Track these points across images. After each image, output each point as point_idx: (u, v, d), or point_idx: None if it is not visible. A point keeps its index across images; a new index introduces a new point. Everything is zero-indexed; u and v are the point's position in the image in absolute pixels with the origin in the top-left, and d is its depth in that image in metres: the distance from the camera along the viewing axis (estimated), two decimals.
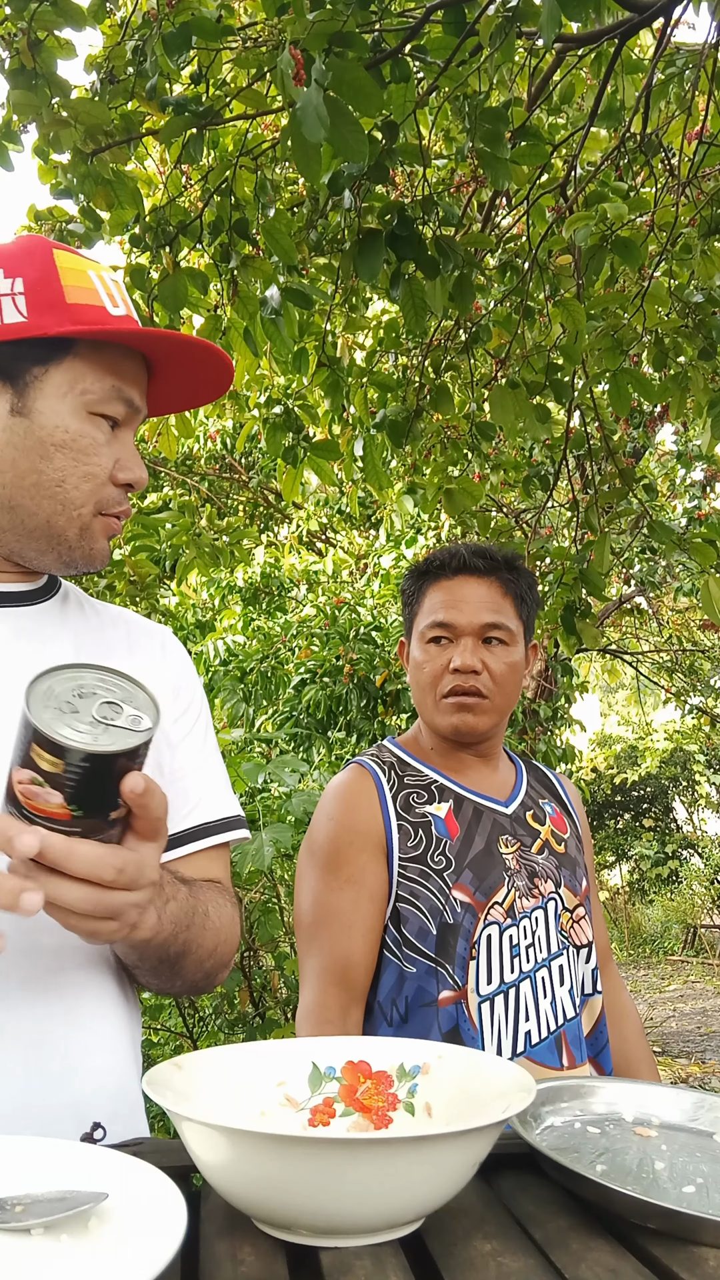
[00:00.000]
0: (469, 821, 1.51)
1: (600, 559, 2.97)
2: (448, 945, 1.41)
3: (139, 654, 1.10)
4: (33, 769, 0.69)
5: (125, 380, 0.97)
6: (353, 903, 1.43)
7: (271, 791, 3.53)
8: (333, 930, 1.43)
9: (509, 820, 1.54)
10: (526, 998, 1.44)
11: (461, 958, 1.41)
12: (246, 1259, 0.64)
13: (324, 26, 1.70)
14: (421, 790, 1.52)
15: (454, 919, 1.42)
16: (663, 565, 7.08)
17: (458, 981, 1.41)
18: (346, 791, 1.52)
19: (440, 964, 1.41)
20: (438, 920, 1.42)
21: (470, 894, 1.44)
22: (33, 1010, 0.90)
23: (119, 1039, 0.98)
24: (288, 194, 3.13)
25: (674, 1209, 0.66)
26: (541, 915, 1.49)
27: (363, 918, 1.43)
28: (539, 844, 1.54)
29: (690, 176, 2.69)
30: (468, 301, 2.57)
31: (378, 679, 6.20)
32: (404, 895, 1.44)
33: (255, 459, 7.65)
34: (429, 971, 1.41)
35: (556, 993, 1.47)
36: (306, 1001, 1.42)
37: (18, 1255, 0.59)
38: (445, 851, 1.46)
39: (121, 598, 3.78)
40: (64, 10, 2.26)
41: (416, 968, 1.41)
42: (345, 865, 1.45)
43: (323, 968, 1.42)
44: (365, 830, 1.47)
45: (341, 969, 1.42)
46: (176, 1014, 4.05)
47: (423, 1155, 0.62)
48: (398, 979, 1.42)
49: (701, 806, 14.16)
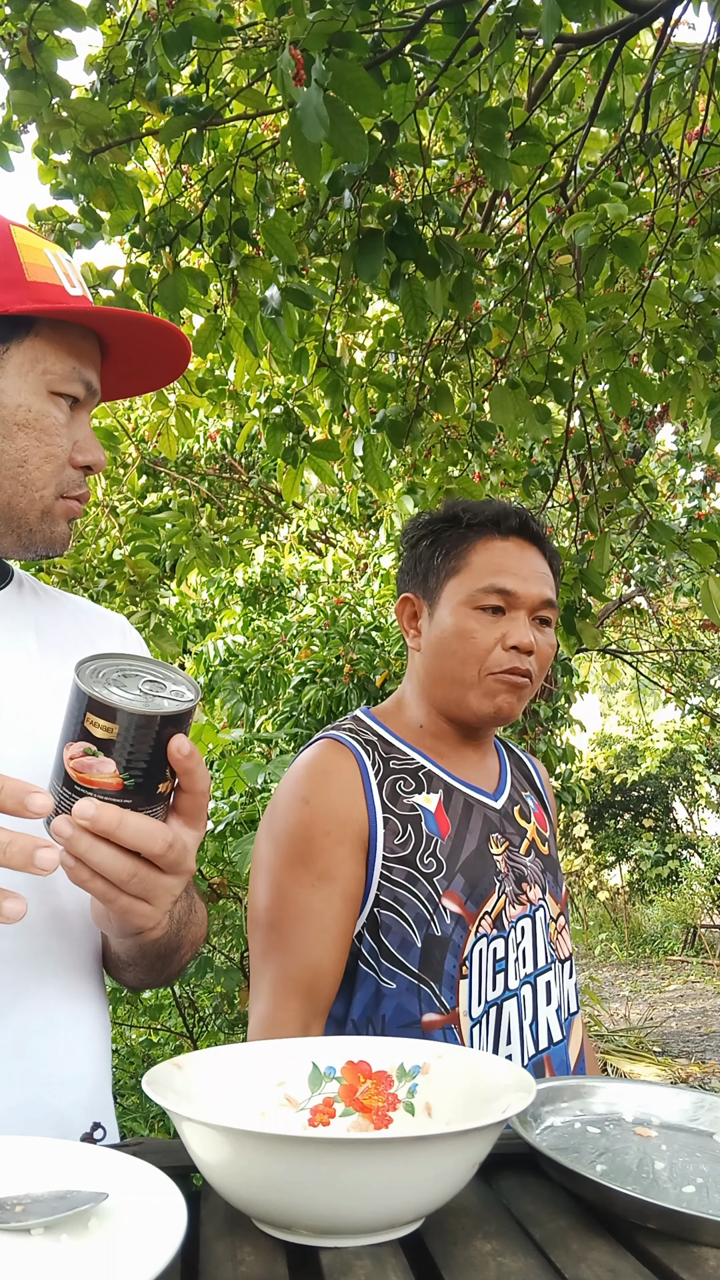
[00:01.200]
0: (459, 817, 1.33)
1: (600, 559, 2.97)
2: (434, 961, 1.24)
3: (99, 641, 1.10)
4: (87, 739, 0.71)
5: (83, 361, 0.96)
6: (324, 902, 1.24)
7: (271, 791, 3.53)
8: (299, 932, 1.23)
9: (498, 816, 1.37)
10: (510, 1018, 1.28)
11: (450, 976, 1.24)
12: (246, 1259, 0.64)
13: (324, 26, 1.70)
14: (408, 777, 1.33)
15: (443, 931, 1.25)
16: (663, 565, 7.08)
17: (445, 1004, 1.24)
18: (323, 771, 1.30)
19: (425, 982, 1.23)
20: (424, 931, 1.24)
21: (461, 903, 1.27)
22: (12, 1020, 0.90)
23: (96, 1046, 0.98)
24: (288, 194, 3.12)
25: (674, 1209, 0.66)
26: (529, 925, 1.34)
27: (334, 920, 1.24)
28: (526, 844, 1.38)
29: (690, 176, 2.69)
30: (468, 301, 2.57)
31: (378, 679, 6.19)
32: (386, 900, 1.25)
33: (255, 459, 7.65)
34: (410, 989, 1.23)
35: (541, 1013, 1.31)
36: (261, 1013, 1.23)
37: (18, 1255, 0.59)
38: (436, 852, 1.28)
39: (121, 597, 3.78)
40: (64, 10, 2.26)
41: (396, 983, 1.23)
42: (317, 858, 1.25)
43: (284, 975, 1.23)
44: (344, 819, 1.26)
45: (307, 978, 1.23)
46: (176, 1014, 4.05)
47: (423, 1155, 0.62)
48: (374, 995, 1.24)
49: (701, 806, 14.16)
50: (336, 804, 1.27)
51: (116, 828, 0.71)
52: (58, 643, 1.04)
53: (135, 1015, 4.07)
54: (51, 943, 0.94)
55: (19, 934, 0.91)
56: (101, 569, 3.91)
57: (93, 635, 1.09)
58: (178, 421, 3.35)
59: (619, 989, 10.00)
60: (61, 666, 1.02)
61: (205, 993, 4.03)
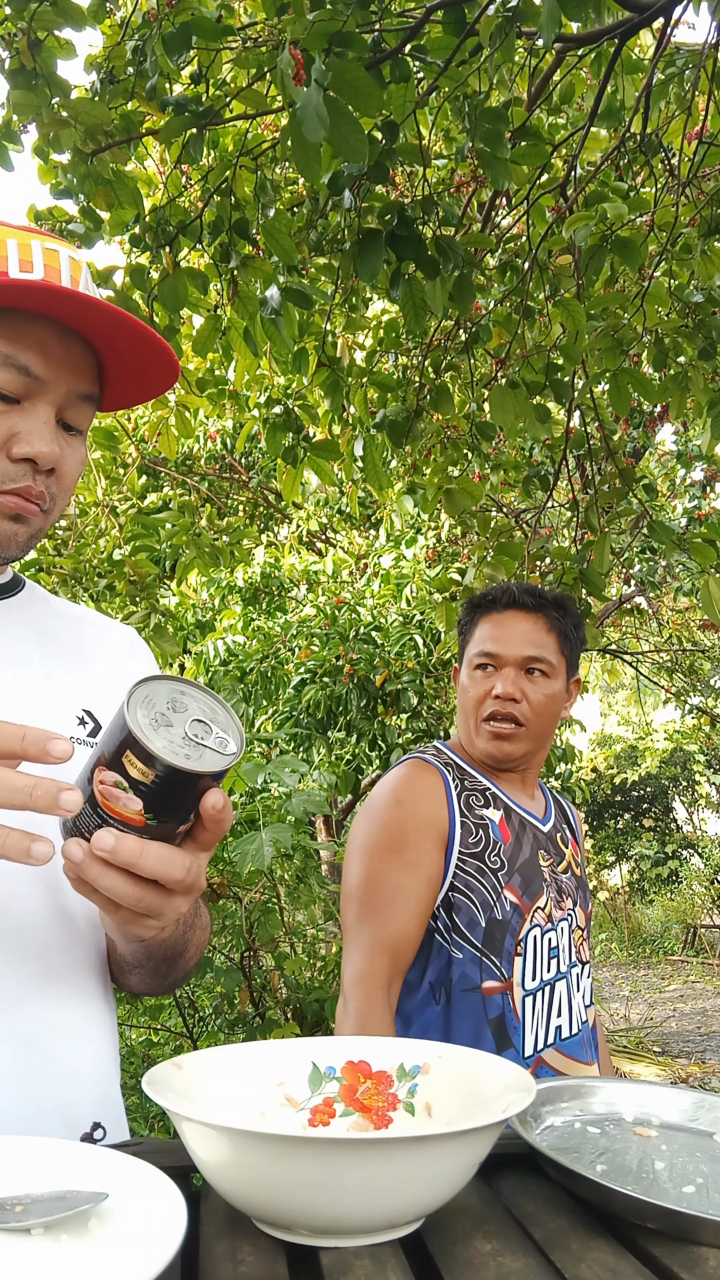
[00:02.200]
0: (517, 830, 1.64)
1: (600, 559, 2.97)
2: (495, 939, 1.54)
3: (106, 653, 1.08)
4: (120, 773, 0.70)
5: (23, 347, 0.89)
6: (412, 883, 1.53)
7: (271, 791, 3.53)
8: (392, 906, 1.52)
9: (545, 837, 1.69)
10: (561, 995, 1.60)
11: (508, 953, 1.55)
12: (246, 1259, 0.64)
13: (324, 26, 1.70)
14: (478, 794, 1.64)
15: (503, 916, 1.56)
16: (663, 565, 7.08)
17: (503, 973, 1.54)
18: (416, 782, 1.62)
19: (487, 955, 1.54)
20: (488, 914, 1.55)
21: (519, 896, 1.58)
22: (19, 1015, 0.90)
23: (103, 1043, 0.98)
24: (288, 194, 3.12)
25: (674, 1209, 0.66)
26: (566, 927, 1.65)
27: (418, 899, 1.53)
28: (564, 864, 1.71)
29: (690, 176, 2.69)
30: (468, 301, 2.57)
31: (378, 679, 6.19)
32: (459, 886, 1.55)
33: (255, 459, 7.65)
34: (474, 959, 1.53)
35: (574, 998, 1.63)
36: (357, 967, 1.50)
37: (18, 1255, 0.59)
38: (499, 853, 1.59)
39: (121, 597, 3.78)
40: (64, 10, 2.26)
41: (463, 954, 1.53)
42: (409, 848, 1.55)
43: (377, 938, 1.51)
44: (431, 819, 1.57)
45: (394, 942, 1.51)
46: (176, 1014, 4.05)
47: (423, 1155, 0.62)
48: (446, 962, 1.54)
49: (701, 806, 14.17)
50: (424, 808, 1.59)
51: (137, 859, 0.71)
52: (60, 652, 1.03)
53: (135, 1015, 4.08)
54: (57, 940, 0.94)
55: (25, 930, 0.91)
56: (101, 569, 3.91)
57: (99, 646, 1.08)
58: (178, 421, 3.35)
59: (619, 989, 10.01)
60: (62, 675, 1.02)
61: (205, 993, 4.04)
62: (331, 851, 6.83)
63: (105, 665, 1.07)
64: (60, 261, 0.92)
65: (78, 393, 0.94)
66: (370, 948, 1.51)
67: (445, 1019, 1.53)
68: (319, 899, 4.13)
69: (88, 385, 0.95)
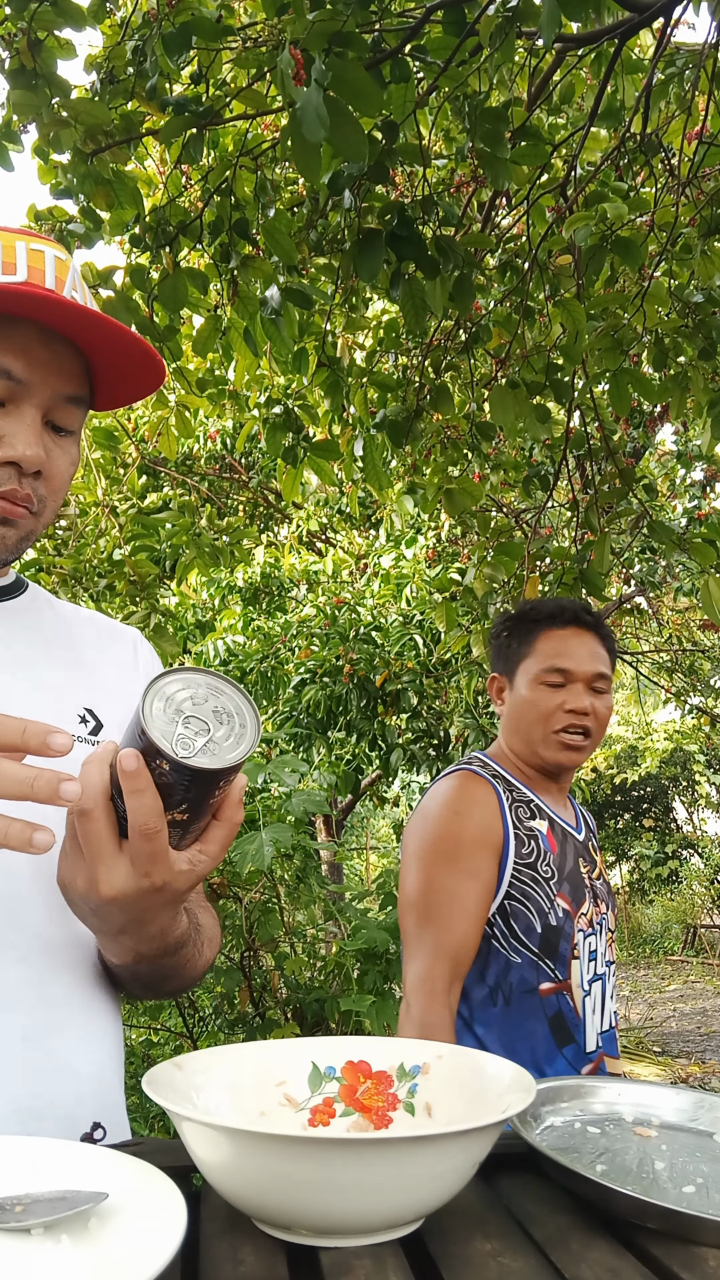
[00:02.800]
0: (560, 840, 1.74)
1: (600, 559, 2.96)
2: (551, 944, 1.63)
3: (111, 655, 1.08)
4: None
5: (4, 350, 0.89)
6: (470, 892, 1.61)
7: (271, 791, 3.53)
8: (451, 912, 1.60)
9: (580, 845, 1.79)
10: (600, 995, 1.70)
11: (564, 956, 1.64)
12: (246, 1259, 0.64)
13: (324, 26, 1.70)
14: (525, 806, 1.72)
15: (557, 922, 1.64)
16: (663, 565, 7.08)
17: (559, 975, 1.63)
18: (473, 795, 1.69)
19: (542, 958, 1.62)
20: (543, 921, 1.63)
21: (569, 903, 1.68)
22: (20, 1014, 0.90)
23: (105, 1043, 0.98)
24: (288, 194, 3.12)
25: (674, 1209, 0.66)
26: (601, 930, 1.75)
27: (476, 906, 1.61)
28: (596, 871, 1.80)
29: (690, 176, 2.69)
30: (468, 301, 2.56)
31: (378, 679, 6.19)
32: (514, 894, 1.63)
33: (255, 459, 7.64)
34: (531, 963, 1.62)
35: (607, 998, 1.73)
36: (418, 971, 1.57)
37: (18, 1255, 0.59)
38: (550, 863, 1.68)
39: (121, 597, 3.78)
40: (64, 10, 2.26)
41: (521, 959, 1.62)
42: (467, 858, 1.62)
43: (438, 943, 1.58)
44: (487, 830, 1.65)
45: (455, 948, 1.58)
46: (176, 1014, 4.05)
47: (423, 1155, 0.62)
48: (504, 966, 1.62)
49: (701, 806, 14.17)
50: (482, 819, 1.66)
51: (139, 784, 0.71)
52: (62, 653, 1.03)
53: (135, 1015, 4.08)
54: (60, 939, 0.94)
55: (27, 929, 0.91)
56: (101, 569, 3.91)
57: (101, 648, 1.08)
58: (178, 421, 3.35)
59: (619, 989, 10.00)
60: (63, 676, 1.02)
61: (205, 993, 4.04)
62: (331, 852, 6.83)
63: (108, 667, 1.07)
64: (45, 263, 0.91)
65: (64, 395, 0.93)
66: (432, 953, 1.58)
67: (506, 1020, 1.61)
68: (319, 899, 4.13)
69: (74, 387, 0.94)
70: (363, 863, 13.01)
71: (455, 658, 6.10)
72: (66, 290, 0.92)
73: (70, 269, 0.94)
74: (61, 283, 0.92)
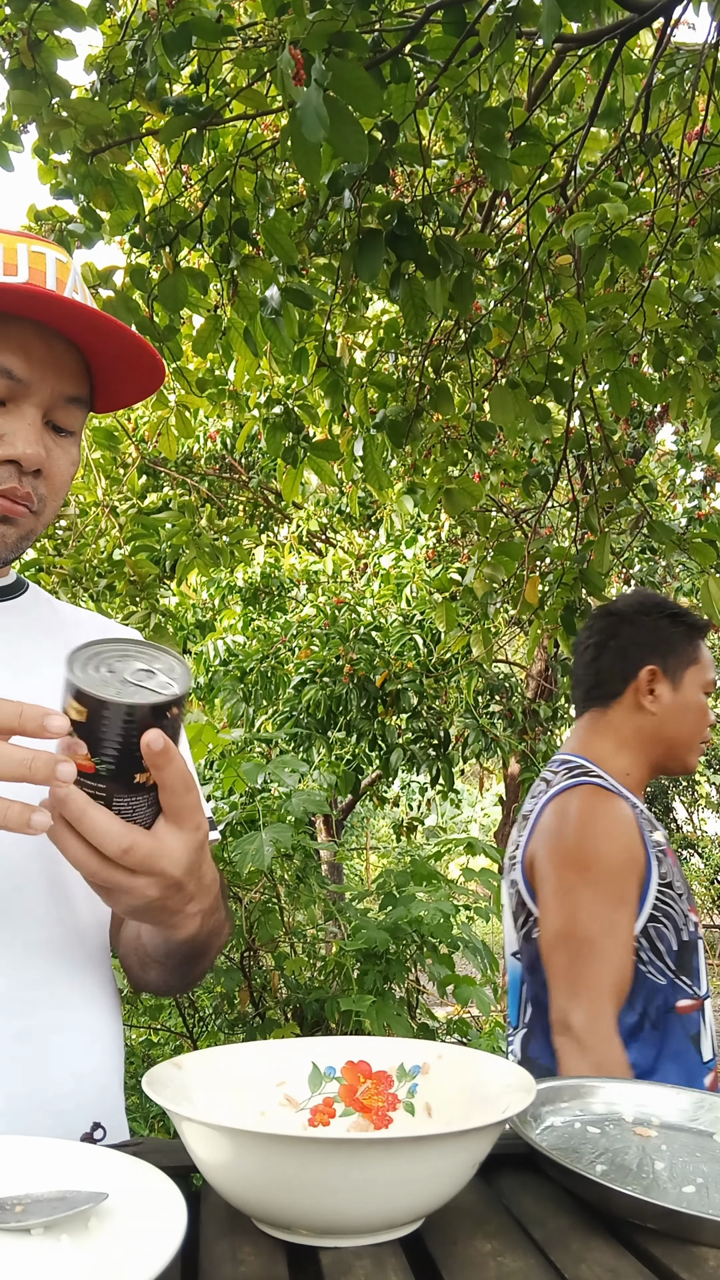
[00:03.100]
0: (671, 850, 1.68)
1: (600, 559, 2.96)
2: (685, 960, 1.56)
3: None
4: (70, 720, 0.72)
5: (5, 349, 0.89)
6: (622, 921, 1.53)
7: (271, 791, 3.53)
8: (608, 944, 1.50)
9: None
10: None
11: (697, 970, 1.58)
12: (246, 1259, 0.64)
13: (324, 26, 1.70)
14: (646, 819, 1.65)
15: (689, 937, 1.58)
16: (663, 565, 7.07)
17: (695, 990, 1.57)
18: (613, 813, 1.58)
19: (679, 976, 1.56)
20: (678, 938, 1.56)
21: (695, 914, 1.62)
22: (20, 1014, 0.90)
23: (105, 1043, 0.98)
24: (288, 194, 3.12)
25: (674, 1209, 0.66)
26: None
27: (627, 934, 1.52)
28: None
29: (690, 176, 2.69)
30: (468, 301, 2.56)
31: (378, 679, 6.19)
32: (657, 915, 1.55)
33: (255, 459, 7.64)
34: (670, 983, 1.55)
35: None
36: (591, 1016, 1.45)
37: (18, 1255, 0.59)
38: (677, 876, 1.62)
39: (121, 597, 3.78)
40: (64, 10, 2.26)
41: (664, 979, 1.54)
42: (618, 885, 1.53)
43: (607, 983, 1.48)
44: (636, 854, 1.56)
45: (618, 981, 1.49)
46: (176, 1014, 4.05)
47: (423, 1155, 0.62)
48: (651, 990, 1.53)
49: (701, 806, 14.15)
50: (631, 844, 1.55)
51: (77, 818, 0.71)
52: (62, 653, 1.03)
53: (135, 1015, 4.08)
54: (61, 938, 0.94)
55: (28, 928, 0.91)
56: (101, 569, 3.91)
57: None
58: (178, 421, 3.35)
59: None
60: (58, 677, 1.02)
61: (205, 993, 4.04)
62: (331, 852, 6.83)
63: None
64: (46, 264, 0.92)
65: (64, 395, 0.94)
66: (597, 992, 1.48)
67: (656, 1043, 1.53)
68: (319, 899, 4.13)
69: (74, 387, 0.95)
70: (363, 863, 13.00)
71: (455, 658, 6.10)
72: (67, 291, 0.92)
73: (71, 271, 0.95)
74: (62, 284, 0.92)
